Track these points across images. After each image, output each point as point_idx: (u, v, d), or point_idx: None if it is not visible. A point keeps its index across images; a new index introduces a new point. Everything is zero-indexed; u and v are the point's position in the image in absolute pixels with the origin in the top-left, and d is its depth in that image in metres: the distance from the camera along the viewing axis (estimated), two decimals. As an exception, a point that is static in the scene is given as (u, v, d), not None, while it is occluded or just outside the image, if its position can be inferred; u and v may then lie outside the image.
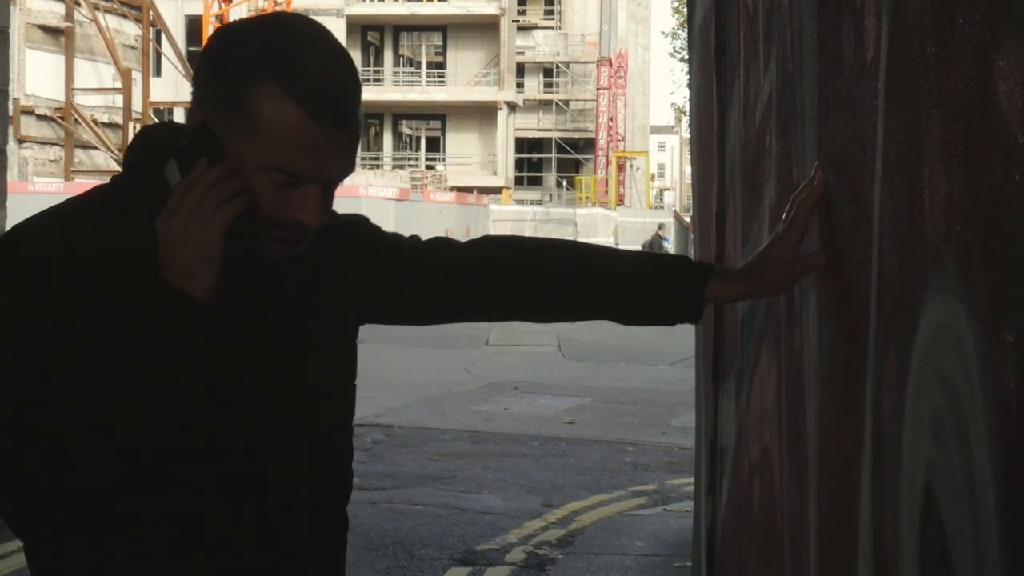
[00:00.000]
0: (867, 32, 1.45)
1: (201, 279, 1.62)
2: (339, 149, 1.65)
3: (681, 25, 54.01)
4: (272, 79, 1.61)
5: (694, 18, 4.80)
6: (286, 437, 1.77)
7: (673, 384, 13.91)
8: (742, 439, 2.99)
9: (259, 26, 1.71)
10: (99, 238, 1.66)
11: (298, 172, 1.64)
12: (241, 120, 1.62)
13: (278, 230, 1.67)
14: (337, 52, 1.68)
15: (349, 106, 1.66)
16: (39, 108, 34.33)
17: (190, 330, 1.61)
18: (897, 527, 1.32)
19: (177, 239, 1.61)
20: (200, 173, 1.63)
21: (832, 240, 1.71)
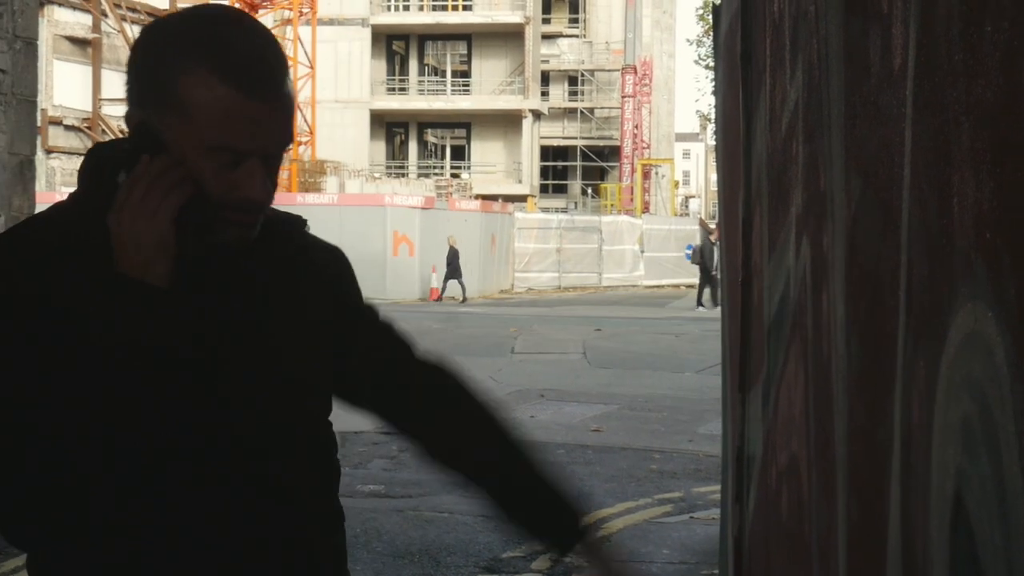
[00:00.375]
0: (894, 39, 1.44)
1: (157, 266, 1.67)
2: (273, 121, 1.71)
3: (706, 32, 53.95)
4: (198, 64, 1.67)
5: (719, 26, 4.79)
6: (267, 431, 1.80)
7: (699, 391, 13.88)
8: (769, 447, 2.98)
9: (178, 18, 1.78)
10: (61, 244, 1.71)
11: (236, 147, 1.69)
12: (175, 109, 1.68)
13: (229, 212, 1.73)
14: (257, 29, 1.75)
15: (275, 78, 1.72)
16: (67, 119, 34.55)
17: (156, 315, 1.66)
18: (927, 535, 1.32)
19: (128, 231, 1.67)
20: (143, 168, 1.69)
21: (860, 248, 1.70)
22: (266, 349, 1.81)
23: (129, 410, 1.63)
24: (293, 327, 1.86)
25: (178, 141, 1.69)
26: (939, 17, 1.25)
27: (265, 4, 42.72)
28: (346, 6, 49.08)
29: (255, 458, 1.78)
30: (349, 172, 43.76)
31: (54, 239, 1.73)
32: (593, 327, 23.01)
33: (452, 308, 29.47)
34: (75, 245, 1.71)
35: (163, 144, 1.70)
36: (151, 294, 1.66)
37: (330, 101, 47.24)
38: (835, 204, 1.87)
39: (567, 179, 59.94)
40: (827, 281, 1.98)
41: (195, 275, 1.74)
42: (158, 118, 1.70)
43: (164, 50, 1.72)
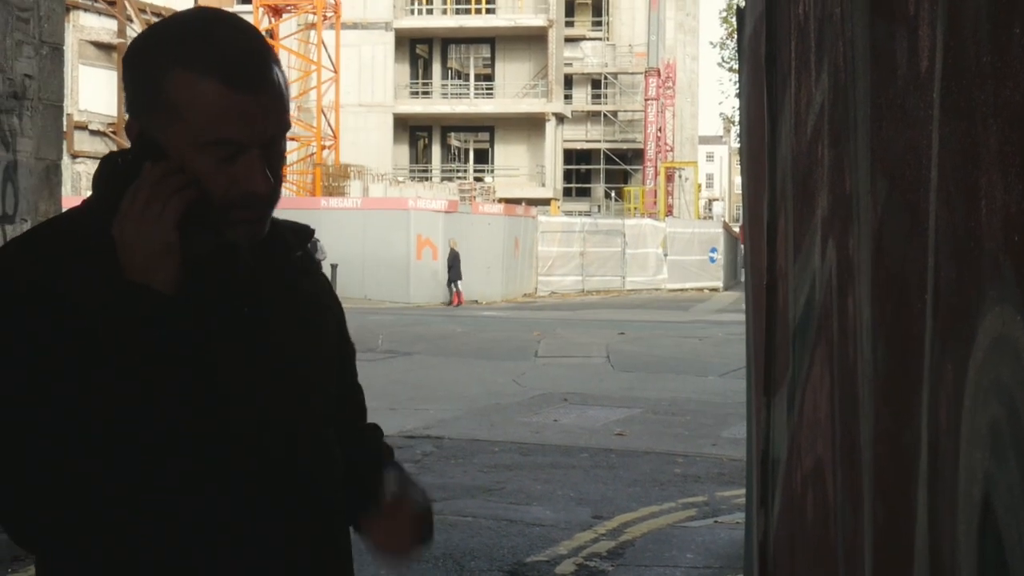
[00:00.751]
0: (921, 42, 1.44)
1: (162, 271, 1.69)
2: (265, 110, 1.73)
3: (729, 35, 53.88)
4: (183, 64, 1.70)
5: (744, 28, 4.78)
6: (271, 430, 1.82)
7: (723, 395, 13.85)
8: (794, 451, 2.97)
9: (162, 25, 1.81)
10: (74, 247, 1.73)
11: (231, 139, 1.71)
12: (166, 111, 1.71)
13: (235, 211, 1.74)
14: (238, 24, 1.78)
15: (261, 69, 1.74)
16: (92, 123, 34.72)
17: (161, 321, 1.67)
18: (954, 540, 1.31)
19: (132, 238, 1.69)
20: (145, 175, 1.71)
21: (886, 251, 1.69)
22: (271, 350, 1.83)
23: (133, 412, 1.65)
24: (298, 329, 1.88)
25: (174, 143, 1.72)
26: (967, 19, 1.24)
27: (289, 8, 42.86)
28: (370, 10, 49.17)
29: (258, 457, 1.79)
30: (373, 176, 43.83)
31: (69, 243, 1.75)
32: (616, 331, 22.99)
33: (475, 312, 29.49)
34: (87, 250, 1.73)
35: (162, 150, 1.73)
36: (157, 300, 1.68)
37: (354, 105, 47.35)
38: (861, 207, 1.86)
39: (590, 182, 59.92)
40: (853, 284, 1.97)
41: (202, 278, 1.75)
42: (153, 124, 1.73)
43: (149, 56, 1.75)
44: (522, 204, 40.67)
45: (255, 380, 1.80)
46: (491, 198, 44.81)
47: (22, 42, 6.72)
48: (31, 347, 1.66)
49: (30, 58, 6.79)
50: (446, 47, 53.47)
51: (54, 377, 1.64)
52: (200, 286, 1.74)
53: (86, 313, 1.66)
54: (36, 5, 6.84)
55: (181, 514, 1.74)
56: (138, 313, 1.67)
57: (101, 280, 1.69)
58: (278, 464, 1.82)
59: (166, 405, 1.67)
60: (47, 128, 6.98)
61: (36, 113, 6.85)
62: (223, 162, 1.72)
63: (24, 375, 1.65)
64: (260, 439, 1.80)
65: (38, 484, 1.65)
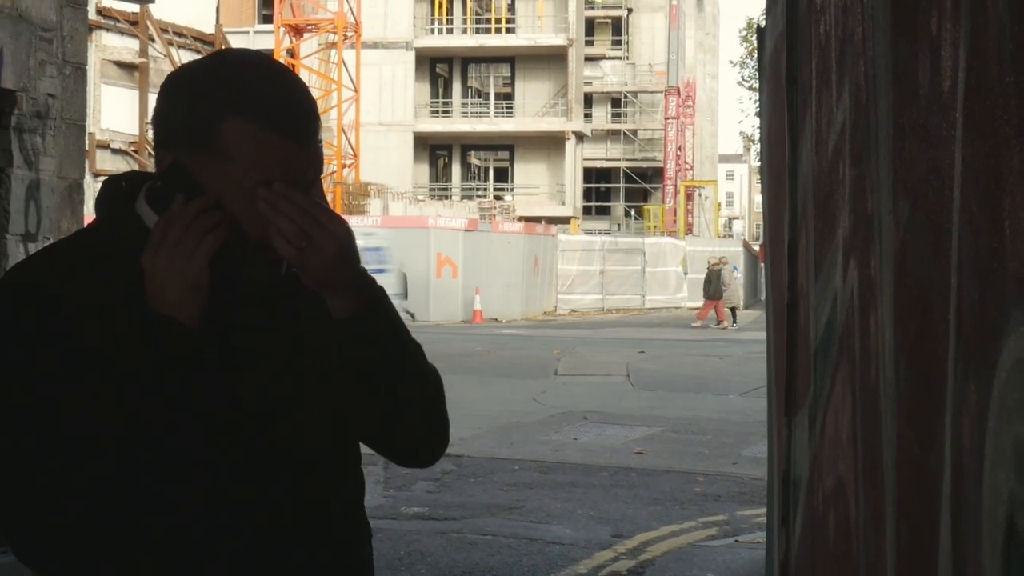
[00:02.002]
0: (944, 61, 1.44)
1: (189, 307, 1.72)
2: (309, 159, 1.78)
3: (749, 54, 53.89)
4: (237, 111, 1.73)
5: (764, 47, 4.79)
6: (293, 450, 1.83)
7: (743, 414, 13.80)
8: (816, 471, 2.96)
9: (208, 64, 1.85)
10: (86, 273, 1.75)
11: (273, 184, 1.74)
12: (214, 152, 1.74)
13: (264, 252, 1.78)
14: (281, 71, 1.83)
15: (307, 116, 1.79)
16: (114, 142, 34.89)
17: (185, 354, 1.70)
18: (978, 562, 1.30)
19: (163, 271, 1.72)
20: (179, 208, 1.74)
21: (909, 271, 1.69)
22: (294, 375, 1.85)
23: (152, 439, 1.68)
24: (316, 351, 1.88)
25: (216, 182, 1.75)
26: (990, 39, 1.24)
27: (310, 28, 43.02)
28: (390, 29, 49.34)
29: (280, 475, 1.81)
30: (393, 194, 43.91)
31: (84, 263, 1.77)
32: (636, 349, 22.95)
33: (494, 330, 29.49)
34: (100, 272, 1.76)
35: (196, 185, 1.75)
36: (181, 334, 1.71)
37: (374, 124, 47.46)
38: (883, 226, 1.86)
39: (610, 201, 59.92)
40: (875, 304, 1.97)
41: (223, 310, 1.78)
42: (192, 159, 1.76)
43: (198, 96, 1.78)
44: (542, 222, 40.68)
45: (276, 404, 1.81)
46: (511, 216, 44.82)
47: (45, 62, 6.76)
48: (44, 359, 1.67)
49: (53, 78, 6.83)
50: (466, 66, 53.58)
51: (64, 392, 1.66)
52: (220, 318, 1.77)
53: (89, 334, 1.68)
54: (59, 25, 6.89)
55: (200, 534, 1.75)
56: (161, 345, 1.70)
57: (105, 301, 1.71)
58: (300, 484, 1.83)
59: (184, 432, 1.69)
60: (70, 147, 7.01)
61: (59, 132, 6.89)
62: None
63: (35, 389, 1.67)
64: (283, 461, 1.81)
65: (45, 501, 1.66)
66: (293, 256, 1.75)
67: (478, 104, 53.77)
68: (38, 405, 1.67)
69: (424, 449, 2.03)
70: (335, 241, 1.76)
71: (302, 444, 1.85)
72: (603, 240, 41.31)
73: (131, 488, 1.69)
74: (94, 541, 1.70)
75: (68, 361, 1.68)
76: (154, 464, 1.69)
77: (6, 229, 6.49)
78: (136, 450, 1.67)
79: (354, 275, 1.81)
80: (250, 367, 1.80)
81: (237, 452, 1.78)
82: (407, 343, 1.91)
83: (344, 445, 1.96)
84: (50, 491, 1.66)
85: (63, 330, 1.69)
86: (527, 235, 35.86)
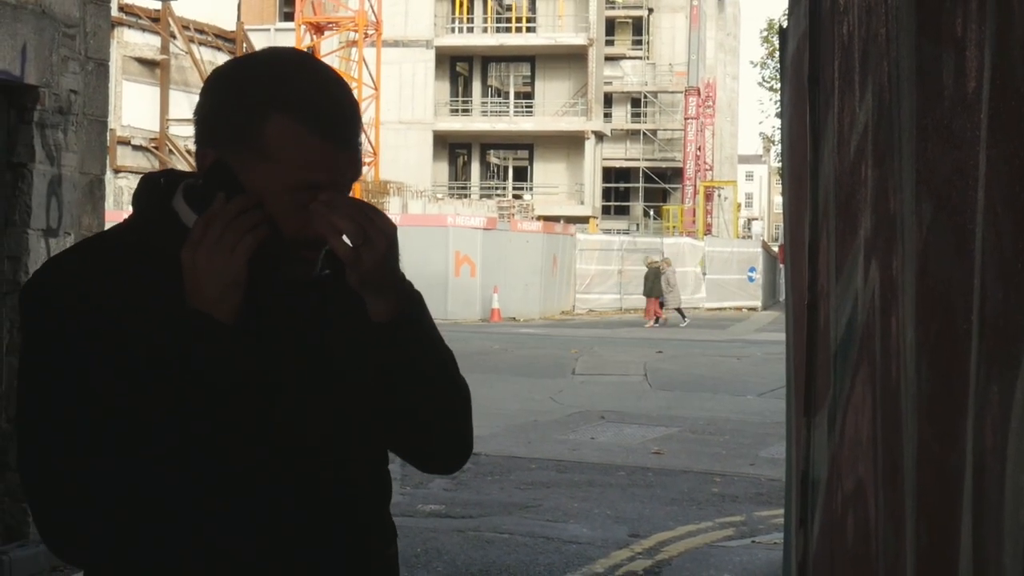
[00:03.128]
0: (968, 62, 1.43)
1: (227, 303, 1.74)
2: (350, 162, 1.80)
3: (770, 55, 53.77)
4: (282, 110, 1.74)
5: (787, 47, 4.78)
6: (324, 450, 1.84)
7: (761, 415, 13.78)
8: (835, 472, 2.96)
9: (254, 63, 1.85)
10: (121, 269, 1.76)
11: (317, 183, 1.76)
12: (259, 152, 1.75)
13: (303, 250, 1.80)
14: (327, 73, 1.83)
15: (351, 120, 1.80)
16: (135, 139, 34.98)
17: (222, 349, 1.72)
18: (1000, 564, 1.30)
19: (203, 268, 1.73)
20: (220, 206, 1.75)
21: (931, 272, 1.69)
22: (325, 374, 1.86)
23: (189, 436, 1.68)
24: (348, 350, 1.89)
25: (258, 181, 1.76)
26: (1015, 39, 1.24)
27: (331, 26, 43.08)
28: (411, 28, 49.38)
29: (311, 473, 1.81)
30: (412, 193, 43.94)
31: (116, 260, 1.78)
32: (654, 349, 22.93)
33: (513, 329, 29.49)
34: (131, 269, 1.76)
35: (238, 183, 1.76)
36: (218, 330, 1.72)
37: (394, 122, 47.51)
38: (905, 227, 1.86)
39: (629, 200, 59.85)
40: (896, 305, 1.96)
41: (259, 308, 1.79)
42: (235, 158, 1.76)
43: (244, 95, 1.78)
44: (561, 222, 40.66)
45: (309, 404, 1.82)
46: (530, 215, 44.80)
47: (68, 58, 6.79)
48: (73, 367, 1.68)
49: (76, 74, 6.86)
50: (486, 65, 53.59)
51: (95, 397, 1.66)
52: (256, 315, 1.78)
53: (127, 332, 1.69)
54: (82, 22, 6.92)
55: (232, 535, 1.75)
56: (198, 341, 1.71)
57: (142, 300, 1.72)
58: (321, 487, 1.83)
59: (220, 430, 1.71)
60: (91, 143, 7.04)
61: (81, 128, 6.92)
62: (303, 206, 1.76)
63: (66, 396, 1.67)
64: (315, 460, 1.82)
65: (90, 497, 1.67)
66: (348, 253, 1.75)
67: (498, 103, 53.76)
68: (74, 400, 1.68)
69: (447, 457, 2.03)
70: (386, 238, 1.77)
71: (330, 444, 1.85)
72: (622, 240, 41.26)
73: (164, 482, 1.69)
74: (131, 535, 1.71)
75: (102, 357, 1.68)
76: (184, 458, 1.70)
77: (28, 224, 6.52)
78: (169, 445, 1.68)
79: (396, 276, 1.82)
80: (283, 365, 1.81)
81: (265, 450, 1.78)
82: (441, 350, 1.92)
83: (371, 446, 1.97)
84: (85, 484, 1.67)
85: (97, 326, 1.69)
86: (546, 234, 35.84)
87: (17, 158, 6.51)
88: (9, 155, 6.50)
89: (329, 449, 1.85)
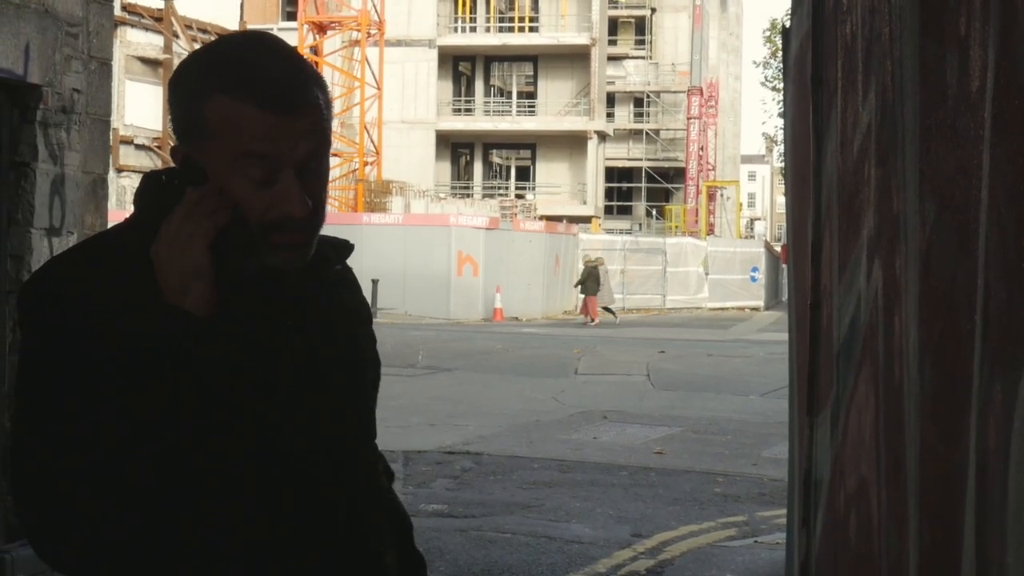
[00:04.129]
0: (972, 61, 1.43)
1: (194, 294, 1.71)
2: (299, 132, 1.74)
3: (773, 55, 53.74)
4: (219, 87, 1.72)
5: (789, 47, 4.78)
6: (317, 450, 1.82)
7: (764, 415, 13.78)
8: (838, 471, 2.96)
9: (204, 50, 1.83)
10: (124, 268, 1.75)
11: (257, 152, 1.72)
12: (202, 133, 1.73)
13: (273, 235, 1.75)
14: (279, 48, 1.78)
15: (296, 91, 1.74)
16: (137, 138, 35.00)
17: (191, 341, 1.69)
18: (1002, 563, 1.30)
19: (165, 261, 1.72)
20: (186, 199, 1.74)
21: (934, 271, 1.69)
22: (314, 371, 1.83)
23: (184, 435, 1.67)
24: (340, 347, 1.88)
25: (212, 165, 1.74)
26: (1019, 38, 1.24)
27: (333, 25, 43.08)
28: (413, 27, 49.37)
29: (309, 473, 1.80)
30: (414, 192, 43.94)
31: (112, 261, 1.76)
32: (657, 349, 22.93)
33: (515, 328, 29.49)
34: (129, 268, 1.75)
35: (204, 175, 1.75)
36: (187, 321, 1.70)
37: (396, 122, 47.50)
38: (909, 226, 1.86)
39: (632, 200, 59.84)
40: (900, 304, 1.96)
41: (242, 301, 1.77)
42: (194, 147, 1.76)
43: (191, 81, 1.77)
44: (563, 221, 40.66)
45: (301, 401, 1.81)
46: (532, 215, 44.80)
47: (71, 57, 6.79)
48: (73, 367, 1.67)
49: (78, 73, 6.86)
50: (489, 64, 53.58)
51: (95, 397, 1.65)
52: (241, 310, 1.75)
53: (126, 333, 1.68)
54: (85, 21, 6.92)
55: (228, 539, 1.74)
56: (169, 333, 1.69)
57: (140, 299, 1.71)
58: (324, 485, 1.82)
59: (203, 428, 1.69)
60: (94, 142, 7.04)
61: (84, 127, 6.92)
62: (260, 185, 1.73)
63: (66, 396, 1.66)
64: (307, 460, 1.80)
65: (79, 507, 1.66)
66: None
67: (500, 103, 53.75)
68: (72, 399, 1.67)
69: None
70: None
71: (328, 443, 1.84)
72: (624, 240, 41.27)
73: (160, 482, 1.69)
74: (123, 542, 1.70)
75: (101, 356, 1.67)
76: (179, 458, 1.69)
77: (30, 223, 6.52)
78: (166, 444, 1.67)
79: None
80: (276, 361, 1.79)
81: (262, 449, 1.76)
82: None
83: (372, 440, 1.97)
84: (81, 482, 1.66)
85: (96, 325, 1.68)
86: (548, 234, 35.85)
87: (20, 157, 6.51)
88: (12, 154, 6.50)
89: (326, 448, 1.83)
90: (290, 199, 1.73)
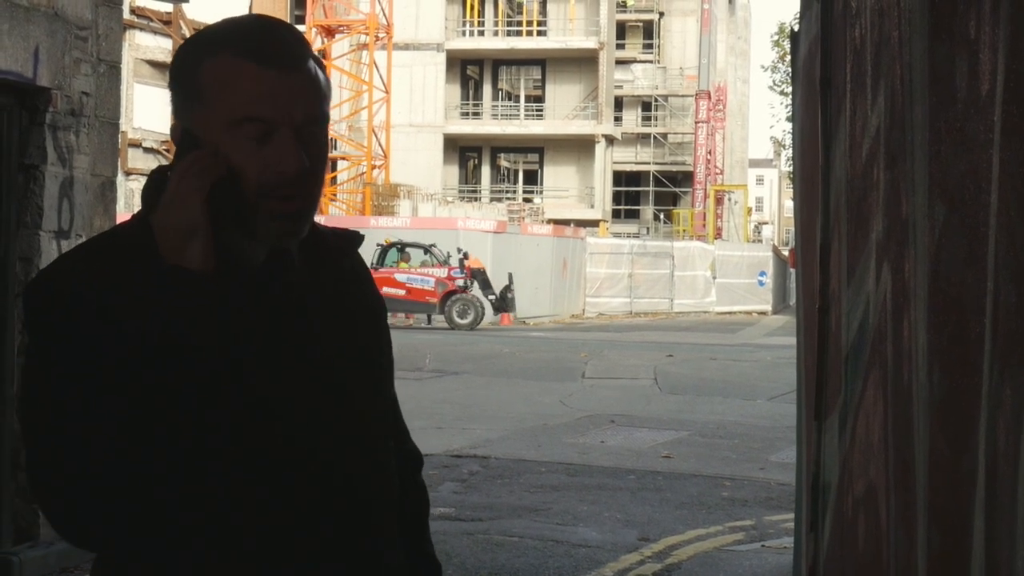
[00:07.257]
0: (982, 65, 1.43)
1: (191, 251, 1.71)
2: (292, 90, 1.76)
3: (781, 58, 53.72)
4: (214, 52, 1.76)
5: (798, 51, 4.77)
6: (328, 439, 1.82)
7: (771, 419, 13.76)
8: (846, 475, 2.95)
9: (199, 31, 1.87)
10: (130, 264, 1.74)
11: (260, 116, 1.73)
12: (200, 100, 1.75)
13: (272, 202, 1.75)
14: (272, 20, 1.83)
15: (291, 49, 1.78)
16: (146, 141, 35.08)
17: (196, 300, 1.69)
18: (1012, 567, 1.30)
19: (163, 221, 1.73)
20: (181, 162, 1.75)
21: (944, 275, 1.69)
22: (318, 357, 1.83)
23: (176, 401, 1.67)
24: (347, 337, 1.88)
25: (207, 131, 1.75)
26: (1029, 42, 1.24)
27: (341, 29, 43.14)
28: (421, 31, 49.41)
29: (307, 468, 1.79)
30: (422, 196, 43.97)
31: (120, 255, 1.77)
32: (664, 353, 22.91)
33: (522, 332, 29.49)
34: (143, 263, 1.74)
35: (200, 143, 1.76)
36: (186, 277, 1.70)
37: (404, 125, 47.54)
38: (918, 230, 1.86)
39: (639, 204, 59.82)
40: (909, 308, 1.96)
41: (245, 274, 1.77)
42: (191, 119, 1.77)
43: (187, 57, 1.80)
44: (571, 225, 40.66)
45: (302, 389, 1.81)
46: (540, 219, 44.81)
47: (80, 60, 6.81)
48: (84, 357, 1.68)
49: (87, 76, 6.88)
50: (497, 68, 53.59)
51: (107, 384, 1.66)
52: (241, 278, 1.76)
53: (135, 323, 1.68)
54: (94, 24, 6.94)
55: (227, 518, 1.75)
56: (168, 291, 1.69)
57: (145, 287, 1.71)
58: (327, 475, 1.82)
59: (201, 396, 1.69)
60: (103, 145, 7.06)
61: (92, 130, 6.94)
62: (255, 144, 1.74)
63: (78, 383, 1.67)
64: (310, 450, 1.80)
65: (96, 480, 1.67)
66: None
67: (508, 106, 53.76)
68: (80, 395, 1.68)
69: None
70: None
71: (340, 431, 1.84)
72: (632, 244, 41.27)
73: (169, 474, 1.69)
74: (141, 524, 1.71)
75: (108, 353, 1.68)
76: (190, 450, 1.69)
77: (39, 226, 6.54)
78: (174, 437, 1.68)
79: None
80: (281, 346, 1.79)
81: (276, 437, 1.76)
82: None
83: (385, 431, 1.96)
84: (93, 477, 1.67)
85: (102, 322, 1.69)
86: (556, 238, 35.86)
87: (29, 160, 6.52)
88: (21, 157, 6.51)
89: (330, 434, 1.82)
90: (285, 158, 1.74)
